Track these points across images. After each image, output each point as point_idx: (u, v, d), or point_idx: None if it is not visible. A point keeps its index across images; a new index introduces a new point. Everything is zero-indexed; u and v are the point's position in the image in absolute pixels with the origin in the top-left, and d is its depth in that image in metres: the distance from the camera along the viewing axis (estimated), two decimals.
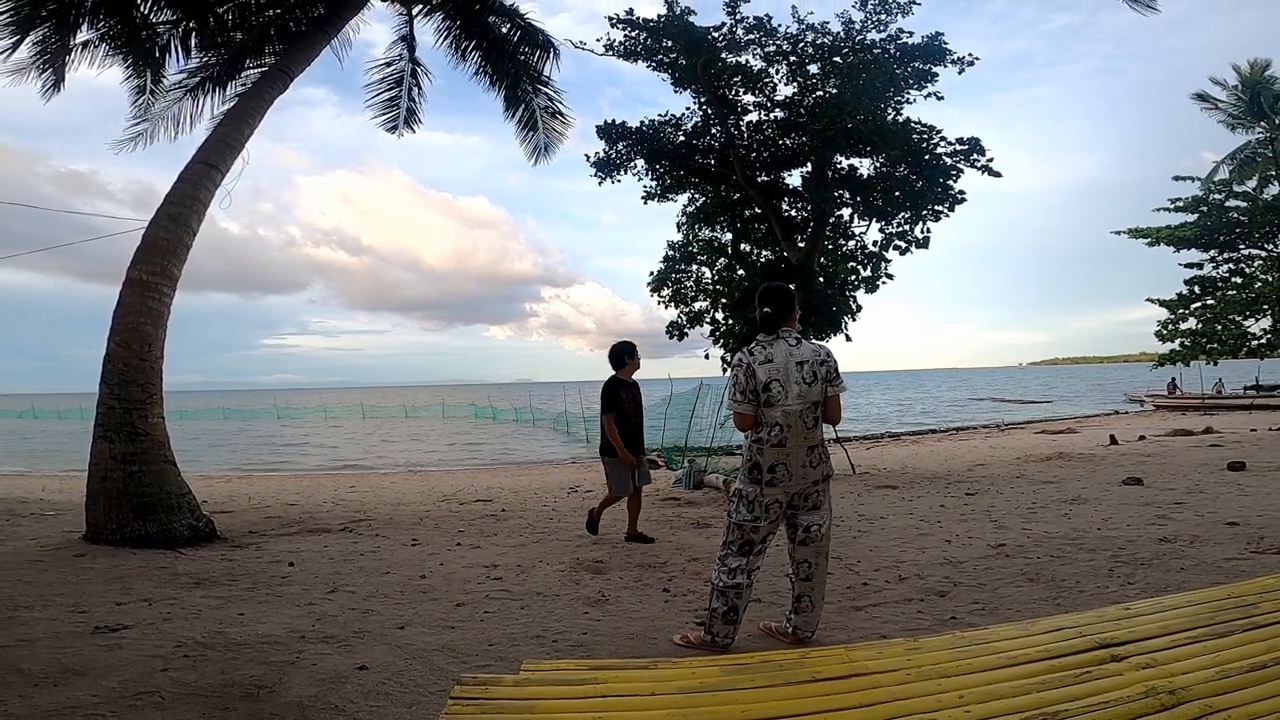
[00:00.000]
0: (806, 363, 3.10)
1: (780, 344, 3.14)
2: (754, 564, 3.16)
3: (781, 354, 3.11)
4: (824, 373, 3.11)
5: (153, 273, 6.22)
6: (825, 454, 3.20)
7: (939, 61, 10.05)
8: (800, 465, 3.09)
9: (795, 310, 3.26)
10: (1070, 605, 3.58)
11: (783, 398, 3.06)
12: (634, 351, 5.85)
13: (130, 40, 8.43)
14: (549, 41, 9.87)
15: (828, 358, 3.16)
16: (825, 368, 3.12)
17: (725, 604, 3.14)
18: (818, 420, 3.14)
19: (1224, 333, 14.69)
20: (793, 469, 3.08)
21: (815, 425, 3.13)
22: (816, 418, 3.13)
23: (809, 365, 3.09)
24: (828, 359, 3.15)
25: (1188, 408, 25.59)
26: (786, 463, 3.08)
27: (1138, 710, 0.89)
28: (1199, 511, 5.94)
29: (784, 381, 3.07)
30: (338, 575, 4.74)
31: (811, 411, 3.10)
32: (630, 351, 5.82)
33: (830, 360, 3.16)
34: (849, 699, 0.98)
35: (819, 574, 3.22)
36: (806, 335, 10.77)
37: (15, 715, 2.47)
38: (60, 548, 5.41)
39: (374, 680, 2.88)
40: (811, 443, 3.11)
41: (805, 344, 3.17)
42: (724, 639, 3.17)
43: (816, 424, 3.14)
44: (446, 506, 8.47)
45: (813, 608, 3.24)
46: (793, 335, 3.17)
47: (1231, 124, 18.54)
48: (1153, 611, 1.31)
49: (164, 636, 3.34)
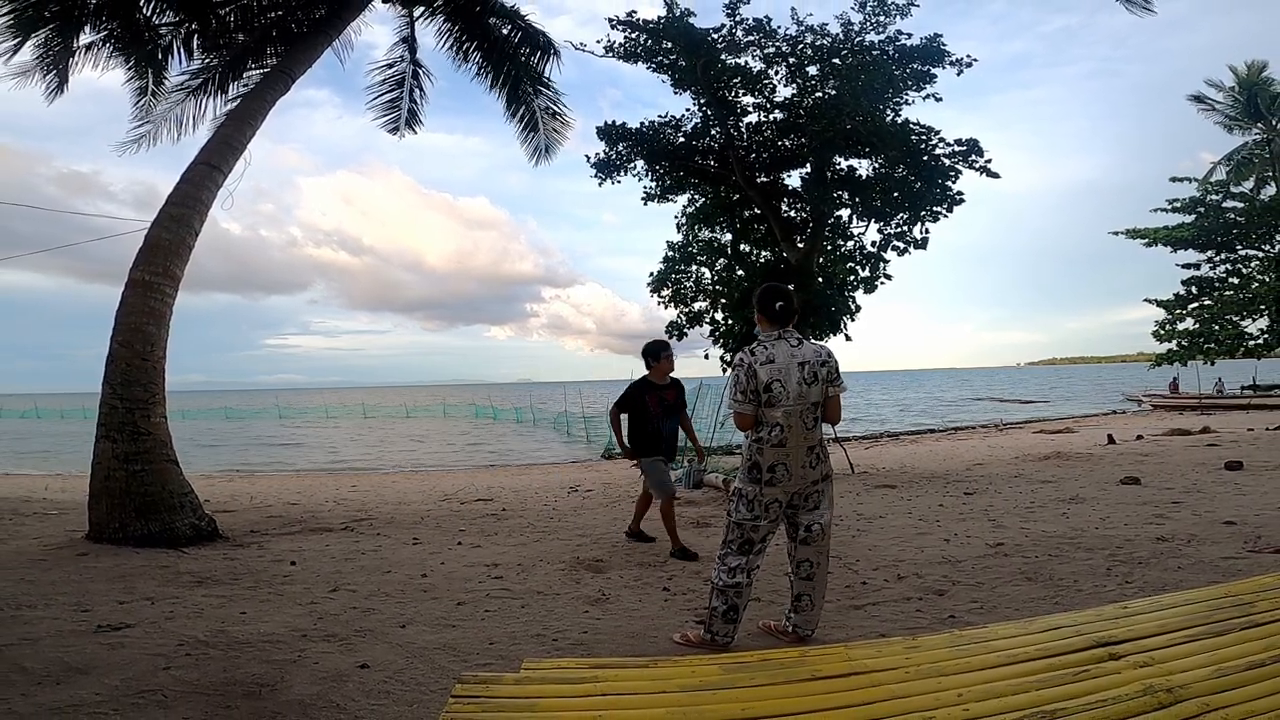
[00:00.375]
0: (808, 363, 3.10)
1: (782, 344, 3.14)
2: (754, 563, 3.16)
3: (783, 354, 3.11)
4: (825, 373, 3.12)
5: (155, 273, 6.22)
6: (825, 454, 3.21)
7: (937, 63, 10.05)
8: (800, 465, 3.10)
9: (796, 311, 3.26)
10: (1068, 604, 3.58)
11: (784, 398, 3.06)
12: (660, 352, 5.44)
13: (133, 42, 8.43)
14: (549, 43, 9.88)
15: (829, 358, 3.16)
16: (826, 368, 3.12)
17: (725, 603, 3.14)
18: (818, 420, 3.15)
19: (1221, 333, 14.70)
20: (792, 469, 3.09)
21: (815, 425, 3.13)
22: (816, 418, 3.14)
23: (810, 366, 3.10)
24: (829, 359, 3.16)
25: (1185, 407, 25.58)
26: (786, 462, 3.08)
27: (1135, 708, 0.89)
28: (1196, 511, 5.94)
29: (785, 381, 3.07)
30: (339, 574, 4.74)
31: (812, 412, 3.11)
32: (655, 352, 5.44)
33: (831, 360, 3.16)
34: (848, 697, 0.97)
35: (819, 573, 3.23)
36: (806, 335, 10.79)
37: (19, 713, 2.47)
38: (63, 547, 5.41)
39: (375, 678, 2.88)
40: (811, 443, 3.12)
41: (807, 344, 3.18)
42: (724, 637, 3.17)
43: (816, 424, 3.14)
44: (447, 506, 8.48)
45: (812, 606, 3.25)
46: (794, 335, 3.18)
47: (1228, 125, 18.54)
48: (1150, 610, 1.31)
49: (166, 635, 3.34)
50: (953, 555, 4.84)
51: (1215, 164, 19.57)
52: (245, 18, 8.80)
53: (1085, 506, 6.48)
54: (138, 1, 8.11)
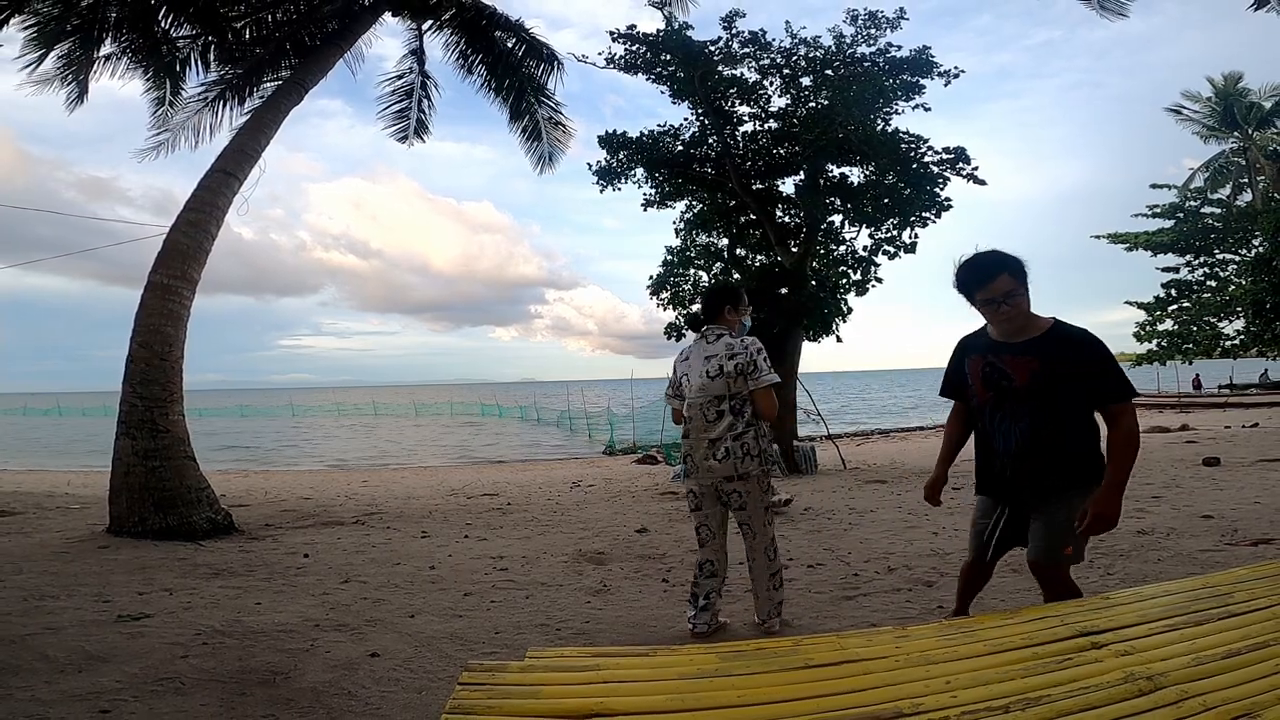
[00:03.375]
0: (714, 357, 3.07)
1: (701, 342, 3.17)
2: (706, 555, 3.17)
3: (697, 351, 3.15)
4: (734, 367, 3.02)
5: (173, 276, 6.22)
6: (735, 450, 3.03)
7: (926, 74, 10.07)
8: (702, 456, 3.08)
9: (726, 310, 3.19)
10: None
11: (688, 391, 3.14)
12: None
13: (151, 54, 8.43)
14: (553, 56, 9.89)
15: (741, 352, 3.04)
16: (735, 362, 3.02)
17: (691, 593, 3.24)
18: (721, 414, 3.05)
19: (1199, 334, 14.72)
20: (696, 459, 3.10)
21: (718, 419, 3.05)
22: (720, 411, 3.05)
23: (715, 359, 3.06)
24: (740, 353, 3.04)
25: (1164, 405, 25.58)
26: (692, 454, 3.12)
27: (1117, 695, 0.89)
28: (1175, 505, 5.94)
29: (690, 375, 3.13)
30: (350, 566, 4.74)
31: (714, 405, 3.06)
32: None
33: (743, 354, 3.03)
34: (840, 684, 0.98)
35: (757, 568, 3.18)
36: (800, 335, 10.71)
37: (43, 700, 2.47)
38: (85, 540, 5.41)
39: (385, 667, 2.88)
40: (712, 435, 3.05)
41: (724, 339, 3.10)
42: (698, 626, 3.15)
43: (720, 417, 3.05)
44: (454, 500, 8.47)
45: (757, 596, 3.23)
46: (714, 333, 3.14)
47: (1205, 135, 18.56)
48: (1131, 601, 1.31)
49: (184, 625, 3.34)
50: (941, 548, 4.85)
51: (1194, 171, 19.61)
52: (260, 30, 8.81)
53: None
54: (156, 15, 8.12)
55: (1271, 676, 0.93)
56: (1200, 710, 0.86)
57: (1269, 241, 13.37)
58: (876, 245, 11.21)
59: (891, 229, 11.08)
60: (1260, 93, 17.54)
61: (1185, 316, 15.11)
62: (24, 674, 2.69)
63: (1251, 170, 17.65)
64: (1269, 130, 17.55)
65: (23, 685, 2.59)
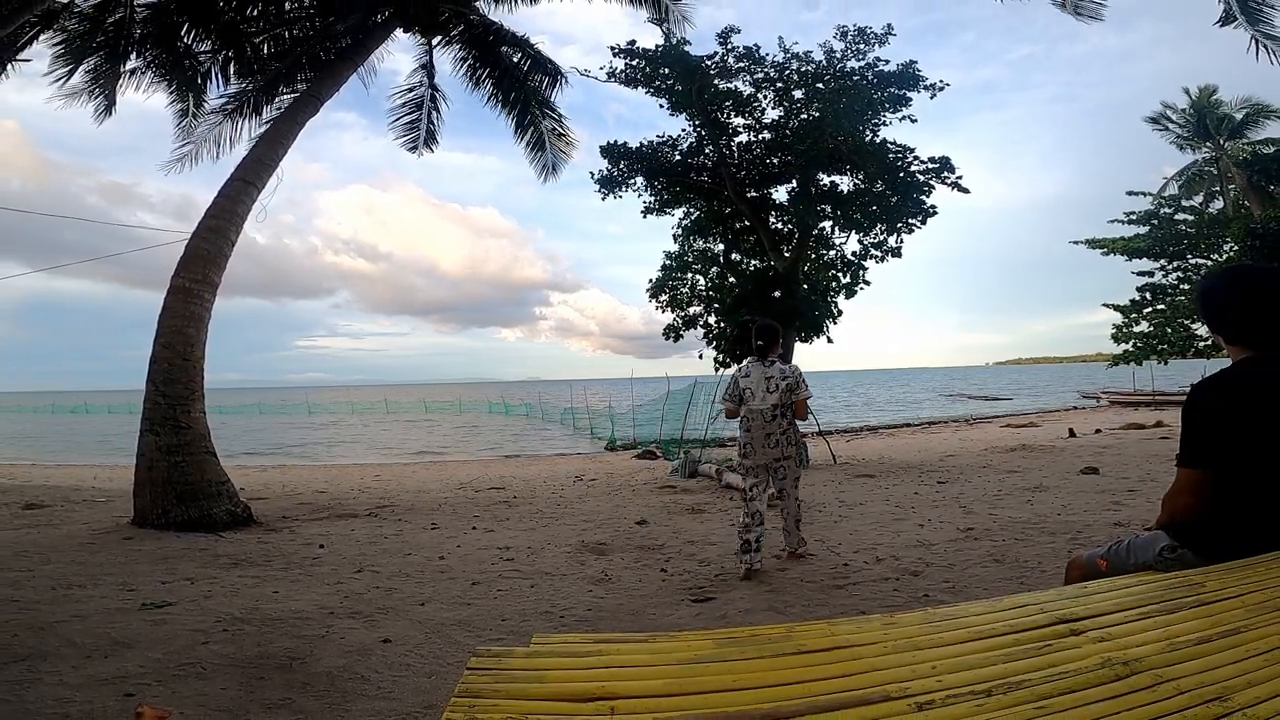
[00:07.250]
0: (772, 378, 4.21)
1: (759, 365, 4.26)
2: (755, 507, 4.12)
3: (758, 372, 4.25)
4: (784, 385, 4.18)
5: (195, 280, 6.22)
6: (788, 440, 4.21)
7: (913, 87, 10.06)
8: (761, 444, 4.20)
9: (778, 344, 4.35)
10: (1033, 583, 3.59)
11: (751, 401, 4.21)
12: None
13: (174, 68, 8.45)
14: (557, 70, 9.90)
15: (790, 374, 4.22)
16: (786, 382, 4.20)
17: (741, 538, 4.07)
18: (775, 417, 4.18)
19: (1173, 335, 14.71)
20: (755, 445, 4.21)
21: (774, 419, 4.18)
22: (775, 414, 4.18)
23: (774, 380, 4.21)
24: (789, 375, 4.22)
25: (1140, 403, 25.55)
26: (752, 442, 4.22)
27: (1094, 679, 0.89)
28: (1150, 498, 5.94)
29: (754, 390, 4.22)
30: (364, 556, 4.74)
31: (773, 410, 4.18)
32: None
33: (791, 377, 4.21)
34: (831, 669, 0.98)
35: (789, 515, 4.37)
36: (793, 339, 10.69)
37: (70, 684, 2.47)
38: (110, 531, 5.42)
39: (397, 652, 2.88)
40: (769, 431, 4.19)
41: (777, 366, 4.25)
42: (755, 563, 4.01)
43: (775, 419, 4.18)
44: (463, 494, 8.47)
45: (789, 534, 4.42)
46: (769, 359, 4.26)
47: (1181, 144, 18.54)
48: (1108, 590, 1.31)
49: (205, 612, 3.34)
50: (927, 539, 4.84)
51: (1168, 179, 19.58)
52: (277, 46, 8.82)
53: (1048, 494, 6.48)
54: (179, 31, 8.12)
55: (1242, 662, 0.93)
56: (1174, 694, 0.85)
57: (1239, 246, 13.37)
58: (865, 250, 11.23)
59: (880, 234, 11.10)
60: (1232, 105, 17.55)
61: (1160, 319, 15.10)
62: (52, 659, 2.69)
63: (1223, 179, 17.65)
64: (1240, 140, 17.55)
65: (51, 670, 2.59)
